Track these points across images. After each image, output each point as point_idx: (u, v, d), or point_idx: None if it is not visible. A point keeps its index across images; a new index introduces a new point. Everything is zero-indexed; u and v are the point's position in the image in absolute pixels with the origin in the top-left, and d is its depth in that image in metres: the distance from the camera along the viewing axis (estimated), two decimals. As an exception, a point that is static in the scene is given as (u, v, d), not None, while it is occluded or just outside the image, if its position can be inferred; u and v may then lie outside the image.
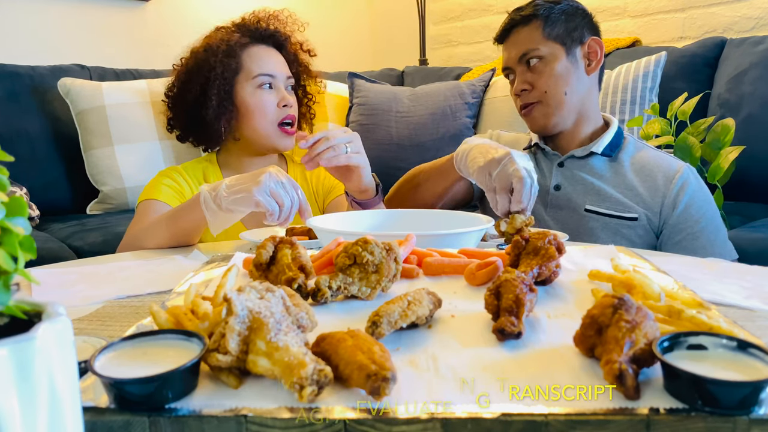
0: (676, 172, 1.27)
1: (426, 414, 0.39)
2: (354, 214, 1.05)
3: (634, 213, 1.26)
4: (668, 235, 1.25)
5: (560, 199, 1.32)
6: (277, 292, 0.49)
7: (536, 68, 1.31)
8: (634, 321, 0.45)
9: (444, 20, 3.39)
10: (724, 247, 1.26)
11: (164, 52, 2.81)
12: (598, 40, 1.34)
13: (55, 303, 0.34)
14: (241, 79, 1.38)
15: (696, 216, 1.24)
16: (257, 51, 1.40)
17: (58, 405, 0.31)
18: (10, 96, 2.12)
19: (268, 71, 1.38)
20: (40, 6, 2.49)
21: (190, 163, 1.46)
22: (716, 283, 0.73)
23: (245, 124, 1.39)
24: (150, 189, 1.33)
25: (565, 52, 1.31)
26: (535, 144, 1.39)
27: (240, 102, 1.38)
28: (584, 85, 1.33)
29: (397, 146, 2.32)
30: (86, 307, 0.68)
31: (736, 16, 2.35)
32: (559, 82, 1.30)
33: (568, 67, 1.31)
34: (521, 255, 0.69)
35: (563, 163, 1.35)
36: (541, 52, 1.30)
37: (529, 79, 1.32)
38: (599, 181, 1.30)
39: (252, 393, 0.43)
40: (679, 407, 0.40)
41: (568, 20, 1.32)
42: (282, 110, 1.38)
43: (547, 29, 1.30)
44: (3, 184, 0.34)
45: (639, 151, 1.33)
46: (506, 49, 1.36)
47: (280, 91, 1.39)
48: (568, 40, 1.31)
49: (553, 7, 1.32)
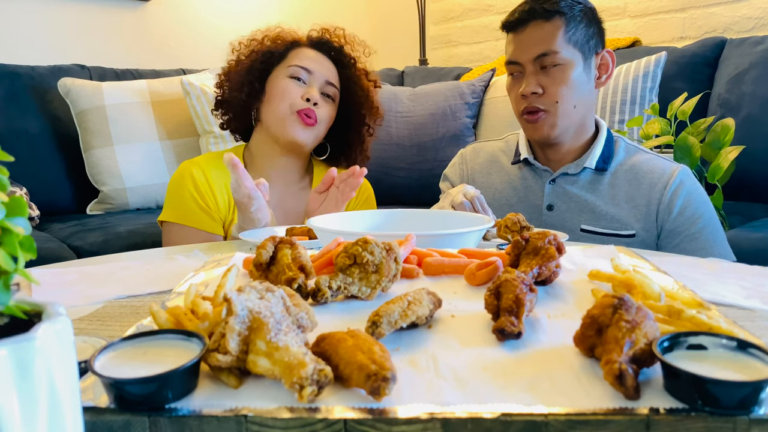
0: (670, 177, 1.23)
1: (426, 414, 0.39)
2: (354, 214, 1.05)
3: (631, 230, 1.23)
4: (666, 240, 1.23)
5: (554, 219, 1.28)
6: (277, 292, 0.49)
7: (552, 73, 1.21)
8: (634, 321, 0.45)
9: (444, 20, 3.39)
10: (723, 247, 1.23)
11: (164, 52, 2.83)
12: (612, 54, 1.28)
13: (55, 303, 0.34)
14: (279, 67, 1.41)
15: (692, 218, 1.21)
16: (306, 51, 1.42)
17: (58, 405, 0.31)
18: (10, 96, 2.12)
19: (304, 65, 1.39)
20: (40, 6, 2.49)
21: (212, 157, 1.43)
22: (716, 283, 0.73)
23: (267, 107, 1.40)
24: (178, 206, 1.34)
25: (582, 60, 1.23)
26: (524, 159, 1.33)
27: (269, 85, 1.40)
28: (592, 99, 1.28)
29: (397, 146, 2.32)
30: (86, 307, 0.68)
31: (736, 16, 2.35)
32: (572, 93, 1.22)
33: (582, 77, 1.23)
34: (521, 255, 0.69)
35: (555, 180, 1.30)
36: (561, 58, 1.20)
37: (542, 83, 1.22)
38: (593, 196, 1.26)
39: (252, 393, 0.43)
40: (679, 407, 0.40)
41: (588, 25, 1.24)
42: (304, 102, 1.36)
43: (569, 31, 1.21)
44: (3, 184, 0.34)
45: (631, 156, 1.29)
46: (518, 42, 1.24)
47: (310, 86, 1.38)
48: (586, 48, 1.23)
49: (575, 5, 1.23)
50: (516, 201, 1.34)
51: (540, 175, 1.32)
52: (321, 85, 1.39)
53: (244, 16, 3.00)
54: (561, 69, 1.21)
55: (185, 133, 2.27)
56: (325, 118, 1.40)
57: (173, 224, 1.34)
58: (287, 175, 1.45)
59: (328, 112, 1.41)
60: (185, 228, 1.32)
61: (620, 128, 1.97)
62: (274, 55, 1.41)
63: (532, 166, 1.33)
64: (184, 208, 1.33)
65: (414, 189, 2.27)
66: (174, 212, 1.34)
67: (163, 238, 1.38)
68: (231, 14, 2.98)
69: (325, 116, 1.40)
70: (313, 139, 1.40)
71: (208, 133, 2.24)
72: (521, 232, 0.94)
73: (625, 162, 1.28)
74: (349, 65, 1.45)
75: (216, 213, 1.34)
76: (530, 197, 1.33)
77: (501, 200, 1.35)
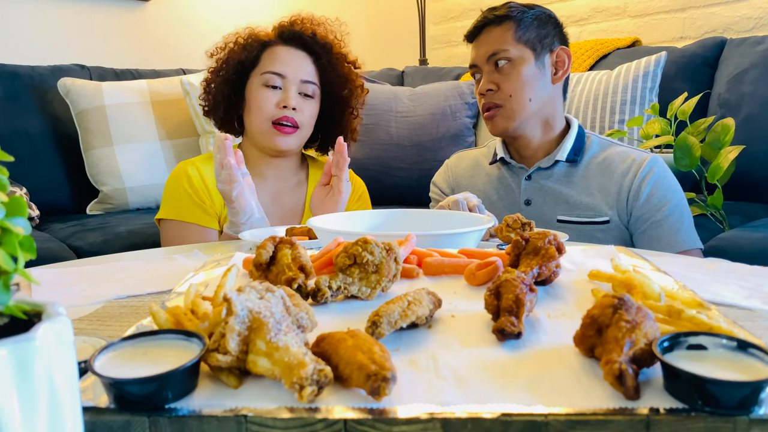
0: (640, 165, 1.28)
1: (426, 414, 0.39)
2: (354, 214, 1.05)
3: (605, 216, 1.28)
4: (635, 226, 1.27)
5: (532, 213, 1.34)
6: (277, 292, 0.49)
7: (503, 70, 1.30)
8: (634, 321, 0.45)
9: (444, 20, 3.39)
10: (689, 234, 1.26)
11: (164, 52, 2.83)
12: (567, 51, 1.36)
13: (55, 303, 0.34)
14: (254, 74, 1.40)
15: (659, 205, 1.25)
16: (277, 50, 1.40)
17: (58, 405, 0.31)
18: (10, 96, 2.12)
19: (276, 70, 1.37)
20: (40, 6, 2.49)
21: (208, 156, 1.45)
22: (716, 283, 0.73)
23: (247, 117, 1.41)
24: (174, 203, 1.36)
25: (534, 58, 1.31)
26: (500, 158, 1.40)
27: (247, 95, 1.40)
28: (548, 93, 1.34)
29: (396, 146, 2.32)
30: (86, 307, 0.68)
31: (736, 16, 2.35)
32: (524, 87, 1.30)
33: (535, 72, 1.31)
34: (521, 255, 0.69)
35: (530, 176, 1.36)
36: (510, 54, 1.30)
37: (495, 80, 1.31)
38: (567, 188, 1.32)
39: (252, 393, 0.43)
40: (679, 407, 0.40)
41: (540, 26, 1.33)
42: (280, 110, 1.36)
43: (519, 32, 1.30)
44: (3, 184, 0.34)
45: (604, 150, 1.34)
46: (476, 47, 1.36)
47: (286, 92, 1.37)
48: (539, 46, 1.32)
49: (526, 11, 1.32)
50: (497, 199, 1.40)
51: (516, 172, 1.39)
52: (297, 87, 1.38)
53: (244, 16, 3.00)
54: (512, 65, 1.30)
55: (185, 133, 2.28)
56: (307, 118, 1.40)
57: (170, 221, 1.36)
58: (280, 172, 1.46)
59: (309, 112, 1.40)
60: (182, 224, 1.34)
61: (620, 128, 1.97)
62: (246, 62, 1.40)
63: (509, 164, 1.40)
64: (180, 205, 1.35)
65: (414, 189, 2.27)
66: (170, 210, 1.36)
67: (161, 236, 1.39)
68: (231, 14, 2.98)
69: (307, 116, 1.39)
70: (297, 143, 1.41)
71: (208, 133, 2.24)
72: (523, 229, 0.94)
73: (598, 155, 1.34)
74: (324, 53, 1.41)
75: (211, 208, 1.36)
76: (509, 194, 1.39)
77: (483, 200, 1.40)
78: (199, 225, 1.34)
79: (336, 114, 1.47)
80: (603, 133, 1.98)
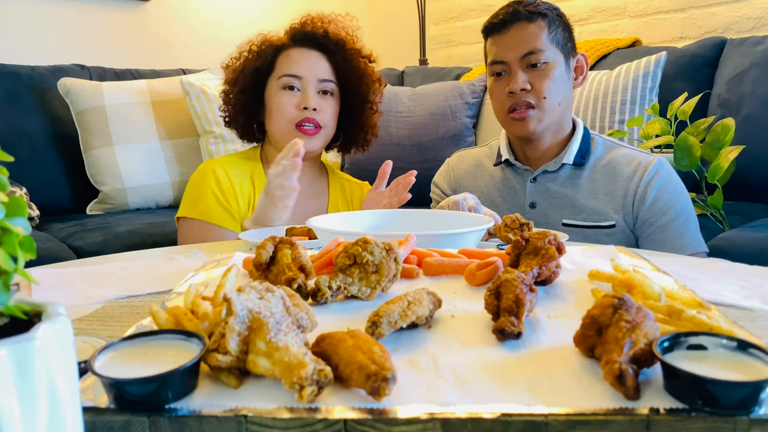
0: (646, 168, 1.27)
1: (426, 414, 0.39)
2: (354, 214, 1.05)
3: (611, 220, 1.27)
4: (640, 230, 1.27)
5: (537, 216, 1.33)
6: (277, 292, 0.49)
7: (539, 70, 1.27)
8: (634, 321, 0.45)
9: (444, 20, 3.39)
10: (694, 237, 1.26)
11: (164, 52, 2.82)
12: (586, 57, 1.36)
13: (55, 303, 0.34)
14: (271, 79, 1.40)
15: (665, 209, 1.25)
16: (292, 53, 1.40)
17: (58, 405, 0.31)
18: (10, 96, 2.12)
19: (293, 72, 1.38)
20: (40, 6, 2.49)
21: (233, 158, 1.45)
22: (716, 283, 0.73)
23: (269, 122, 1.41)
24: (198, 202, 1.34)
25: (564, 61, 1.30)
26: (505, 160, 1.38)
27: (267, 101, 1.41)
28: (571, 98, 1.34)
29: (396, 146, 2.32)
30: (86, 307, 0.68)
31: (736, 16, 2.35)
32: (558, 90, 1.28)
33: (564, 76, 1.30)
34: (521, 255, 0.69)
35: (536, 178, 1.34)
36: (546, 56, 1.26)
37: (530, 80, 1.27)
38: (573, 192, 1.31)
39: (252, 393, 0.43)
40: (679, 407, 0.40)
41: (565, 29, 1.31)
42: (301, 112, 1.36)
43: (551, 32, 1.28)
44: (3, 184, 0.34)
45: (609, 152, 1.33)
46: (504, 42, 1.29)
47: (304, 93, 1.37)
48: (565, 49, 1.31)
49: (553, 9, 1.30)
50: (500, 201, 1.39)
51: (521, 174, 1.37)
52: (315, 86, 1.38)
53: (245, 16, 3.00)
54: (547, 67, 1.27)
55: (185, 133, 2.27)
56: (329, 117, 1.40)
57: (192, 220, 1.34)
58: (303, 178, 1.46)
59: (330, 110, 1.40)
60: (204, 224, 1.32)
61: (620, 128, 1.97)
62: (261, 69, 1.40)
63: (514, 166, 1.38)
64: (204, 205, 1.33)
65: (414, 189, 2.26)
66: (194, 208, 1.34)
67: (179, 235, 1.37)
68: (231, 14, 2.98)
69: (329, 115, 1.40)
70: (322, 143, 1.41)
71: (208, 133, 2.24)
72: (521, 229, 0.94)
73: (603, 157, 1.33)
74: (338, 50, 1.42)
75: (237, 212, 1.35)
76: (513, 197, 1.37)
77: (486, 201, 1.39)
78: (221, 227, 1.32)
79: (355, 110, 1.47)
80: (603, 133, 1.98)
